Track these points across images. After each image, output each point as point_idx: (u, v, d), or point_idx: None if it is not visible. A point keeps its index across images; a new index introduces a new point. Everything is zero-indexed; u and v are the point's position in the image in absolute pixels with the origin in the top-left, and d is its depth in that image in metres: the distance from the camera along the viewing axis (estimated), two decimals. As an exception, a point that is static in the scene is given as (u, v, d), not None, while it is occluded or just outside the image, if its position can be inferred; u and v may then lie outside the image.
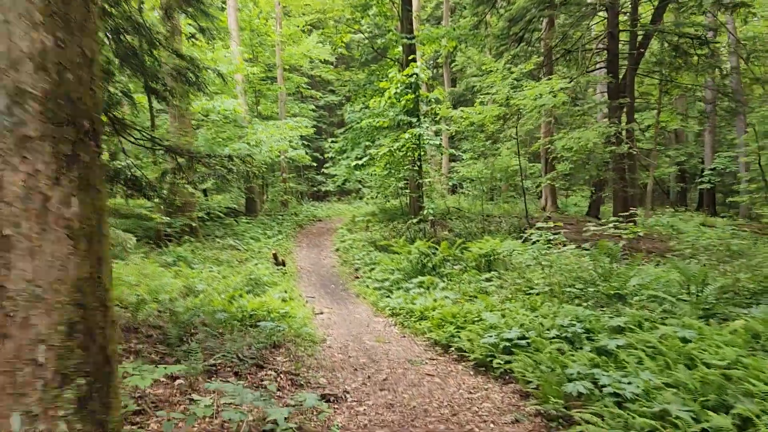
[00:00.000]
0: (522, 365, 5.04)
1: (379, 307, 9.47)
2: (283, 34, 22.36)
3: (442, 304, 8.10)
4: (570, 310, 6.16)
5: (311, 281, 12.36)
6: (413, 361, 6.14)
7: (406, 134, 13.54)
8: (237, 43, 19.10)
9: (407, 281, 10.29)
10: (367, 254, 13.83)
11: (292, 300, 9.49)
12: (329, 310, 9.57)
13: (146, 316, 7.16)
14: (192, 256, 11.48)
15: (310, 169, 31.43)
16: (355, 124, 17.04)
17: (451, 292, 8.92)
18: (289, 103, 26.06)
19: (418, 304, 8.48)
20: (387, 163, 14.86)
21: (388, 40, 20.01)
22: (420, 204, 17.68)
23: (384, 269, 11.50)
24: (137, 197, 6.92)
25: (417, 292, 9.36)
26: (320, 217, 23.71)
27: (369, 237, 15.99)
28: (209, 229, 16.43)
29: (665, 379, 3.88)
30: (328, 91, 32.73)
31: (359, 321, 8.77)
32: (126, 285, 8.98)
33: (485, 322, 6.43)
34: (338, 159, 19.56)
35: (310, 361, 5.92)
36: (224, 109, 15.62)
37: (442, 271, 10.55)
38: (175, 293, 8.75)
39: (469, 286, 9.07)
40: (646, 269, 7.81)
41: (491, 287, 8.90)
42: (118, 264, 10.38)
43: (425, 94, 14.56)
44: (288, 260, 14.43)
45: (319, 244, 17.27)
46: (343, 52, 25.40)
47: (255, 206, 20.81)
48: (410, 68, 13.93)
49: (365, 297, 10.56)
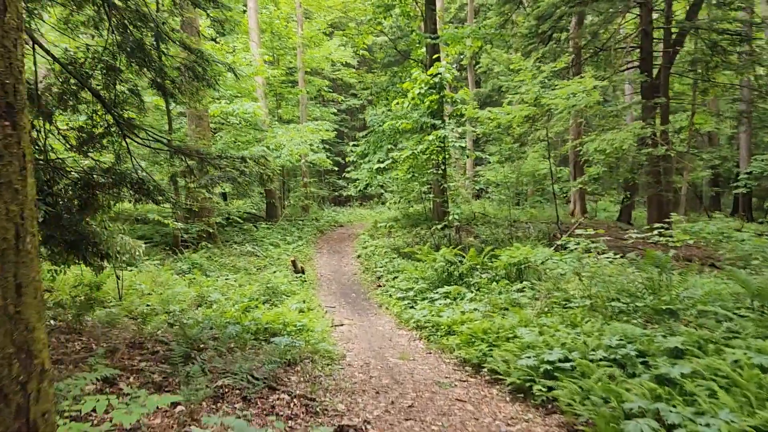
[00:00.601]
0: (568, 393, 4.41)
1: (402, 319, 8.89)
2: (304, 36, 21.98)
3: (471, 318, 7.49)
4: (617, 327, 5.50)
5: (331, 290, 11.83)
6: (441, 383, 5.55)
7: (430, 136, 12.95)
8: (257, 45, 18.76)
9: (432, 291, 9.69)
10: (390, 261, 13.26)
11: (310, 311, 8.97)
12: (350, 321, 9.03)
13: (155, 329, 6.71)
14: (208, 264, 11.05)
15: (331, 174, 31.02)
16: (377, 127, 16.52)
17: (480, 304, 8.29)
18: (310, 106, 25.69)
19: (445, 316, 7.88)
20: (410, 166, 14.28)
21: (412, 40, 19.49)
22: (444, 209, 17.07)
23: (408, 278, 10.92)
24: (145, 202, 6.45)
25: (443, 304, 8.75)
26: (341, 222, 23.24)
27: (391, 243, 15.43)
28: (228, 234, 16.05)
29: (752, 421, 3.22)
30: (350, 95, 32.32)
31: (382, 334, 8.20)
32: (137, 294, 8.58)
33: (521, 339, 5.80)
34: (360, 163, 19.03)
35: (328, 382, 5.36)
36: (243, 112, 15.23)
37: (469, 281, 9.92)
38: (187, 303, 8.31)
39: (500, 298, 8.42)
40: (698, 281, 7.09)
41: (524, 299, 8.24)
42: (132, 272, 10.01)
43: (450, 95, 13.95)
44: (308, 267, 13.95)
45: (340, 250, 16.76)
46: (365, 54, 24.95)
47: (275, 211, 20.41)
48: (435, 68, 13.36)
49: (388, 307, 10.00)
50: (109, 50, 5.97)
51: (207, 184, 5.75)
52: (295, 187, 23.18)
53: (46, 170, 5.92)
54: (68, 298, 7.99)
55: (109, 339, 6.17)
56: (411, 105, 14.01)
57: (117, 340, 6.07)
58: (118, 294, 8.05)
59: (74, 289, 8.39)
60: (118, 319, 7.25)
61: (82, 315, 6.86)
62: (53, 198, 5.85)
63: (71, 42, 9.17)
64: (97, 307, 7.80)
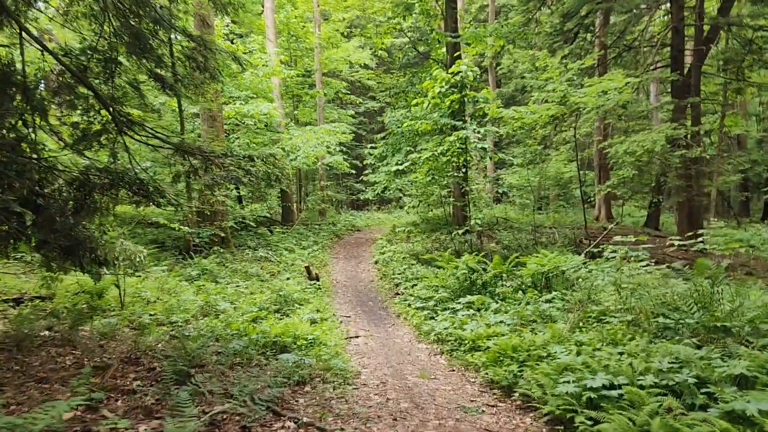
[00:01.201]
0: (617, 428, 3.78)
1: (422, 332, 8.29)
2: (321, 37, 21.56)
3: (497, 332, 6.87)
4: (667, 347, 4.85)
5: (347, 297, 11.28)
6: (467, 408, 4.95)
7: (451, 137, 12.35)
8: (274, 45, 18.37)
9: (454, 301, 9.08)
10: (409, 268, 12.68)
11: (324, 321, 8.42)
12: (366, 333, 8.46)
13: (154, 342, 6.22)
14: (218, 269, 10.58)
15: (349, 177, 30.59)
16: (396, 128, 15.97)
17: (506, 316, 7.67)
18: (327, 109, 25.27)
19: (469, 330, 7.27)
20: (430, 168, 13.68)
21: (432, 40, 18.94)
22: (465, 213, 16.44)
23: (427, 285, 10.32)
24: (146, 204, 5.98)
25: (466, 315, 8.14)
26: (359, 226, 22.74)
27: (410, 249, 14.84)
28: (242, 239, 15.61)
29: None
30: (368, 98, 31.87)
31: (400, 348, 7.62)
32: (141, 302, 8.12)
33: (556, 359, 5.17)
34: (378, 166, 18.51)
35: (340, 406, 4.80)
36: (258, 113, 14.80)
37: (493, 290, 9.30)
38: (192, 312, 7.83)
39: (527, 309, 7.79)
40: (751, 294, 6.39)
41: (553, 311, 7.60)
42: (138, 279, 9.59)
43: (472, 94, 13.35)
44: (323, 273, 13.43)
45: (357, 255, 16.22)
46: (383, 56, 24.46)
47: (291, 215, 19.97)
48: (456, 65, 12.77)
49: (406, 318, 9.41)
50: (106, 39, 5.51)
51: (210, 184, 5.24)
52: (313, 191, 22.73)
53: (38, 169, 5.48)
54: (67, 306, 7.57)
55: (105, 352, 5.70)
56: (431, 105, 13.43)
57: (112, 354, 5.59)
58: (120, 302, 7.60)
59: (75, 297, 7.97)
60: (118, 329, 6.79)
61: (77, 325, 6.41)
62: (45, 199, 5.39)
63: (67, 35, 8.76)
64: (97, 316, 7.36)
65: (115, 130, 5.84)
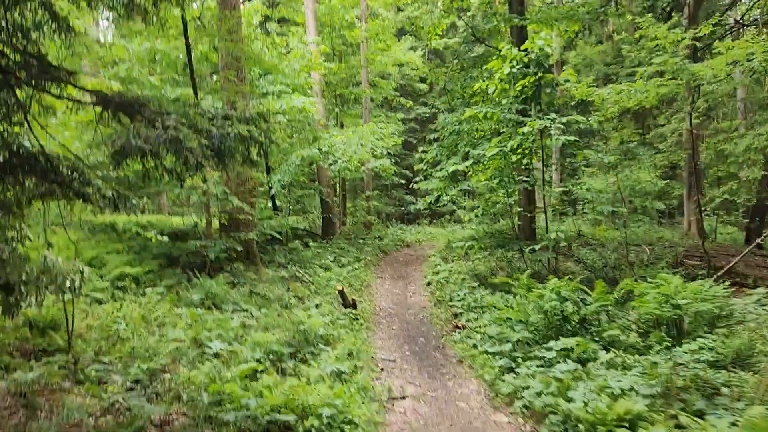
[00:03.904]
0: None
1: (498, 392, 5.65)
2: (368, 29, 19.39)
3: (631, 411, 4.20)
4: None
5: (392, 331, 8.76)
6: None
7: (524, 128, 9.71)
8: (314, 33, 16.30)
9: (542, 344, 6.42)
10: (470, 292, 10.06)
11: (356, 372, 5.94)
12: (415, 390, 5.92)
13: (85, 414, 3.92)
14: (226, 292, 8.29)
15: (398, 188, 28.24)
16: (452, 127, 13.46)
17: (633, 377, 4.96)
18: (375, 112, 23.06)
19: (579, 399, 4.63)
20: (496, 169, 11.03)
21: (493, 27, 16.37)
22: (533, 226, 13.67)
23: (498, 319, 7.66)
24: (69, 198, 3.74)
25: (567, 370, 5.46)
26: (408, 241, 20.25)
27: (471, 268, 12.21)
28: (274, 254, 13.37)
29: None
30: (420, 103, 29.51)
31: (468, 420, 5.03)
32: (105, 341, 5.87)
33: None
34: (430, 172, 16.00)
35: None
36: (291, 107, 12.63)
37: (596, 330, 6.59)
38: (170, 357, 5.51)
39: (663, 365, 5.06)
40: None
41: (707, 370, 4.85)
42: (123, 303, 7.44)
43: (551, 76, 10.69)
44: (364, 296, 11.00)
45: (406, 275, 13.71)
46: (437, 47, 22.09)
47: (332, 228, 17.68)
48: (531, 40, 10.18)
49: (472, 364, 6.78)
50: None
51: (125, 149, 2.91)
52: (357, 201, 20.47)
53: None
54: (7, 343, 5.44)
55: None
56: (498, 91, 10.85)
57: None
58: (68, 342, 5.37)
59: (19, 331, 5.83)
60: (49, 382, 4.56)
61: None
62: None
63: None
64: (34, 360, 5.20)
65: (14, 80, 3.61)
